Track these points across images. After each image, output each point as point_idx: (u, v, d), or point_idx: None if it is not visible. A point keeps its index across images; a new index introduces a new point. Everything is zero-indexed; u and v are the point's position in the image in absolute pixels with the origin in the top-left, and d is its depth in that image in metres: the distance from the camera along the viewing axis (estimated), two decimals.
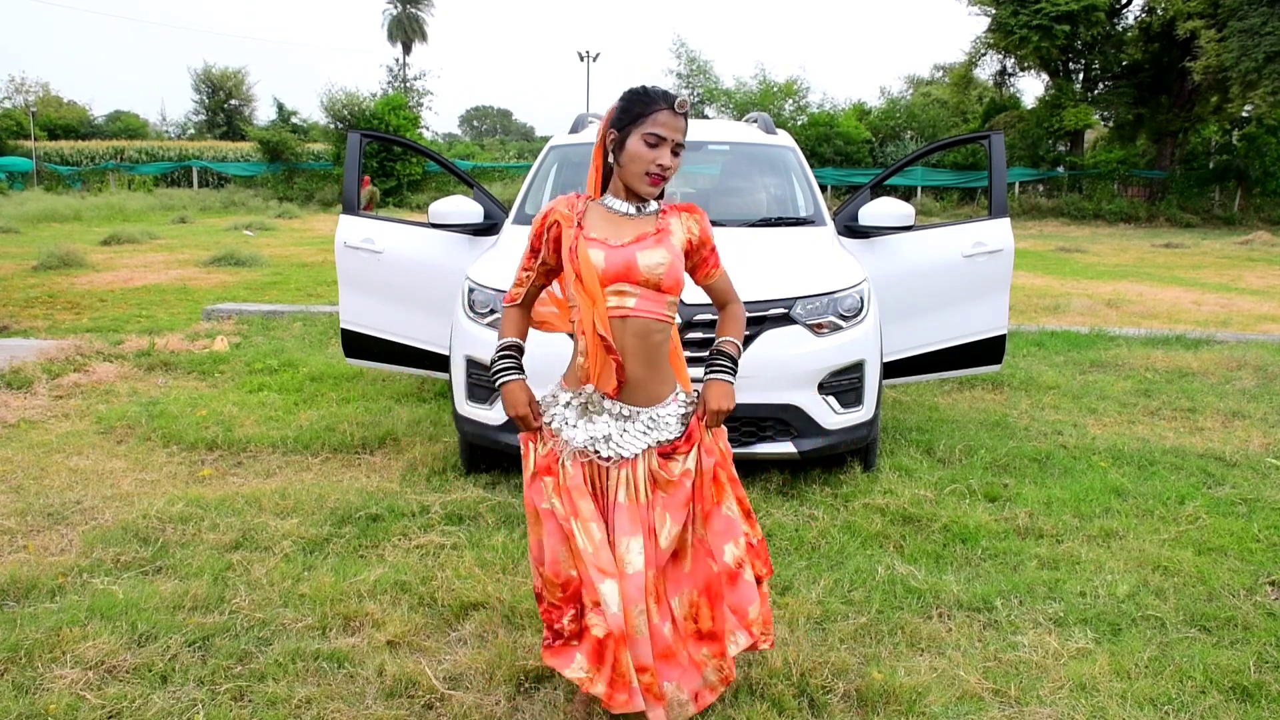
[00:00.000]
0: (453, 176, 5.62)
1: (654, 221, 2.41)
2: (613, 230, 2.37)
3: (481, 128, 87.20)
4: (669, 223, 2.41)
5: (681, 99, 2.33)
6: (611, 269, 2.31)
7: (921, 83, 43.81)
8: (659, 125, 2.30)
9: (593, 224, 2.38)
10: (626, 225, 2.38)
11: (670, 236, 2.38)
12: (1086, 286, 12.30)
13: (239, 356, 7.10)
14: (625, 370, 2.34)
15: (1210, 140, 30.91)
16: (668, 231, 2.38)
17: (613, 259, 2.31)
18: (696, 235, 2.43)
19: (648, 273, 2.32)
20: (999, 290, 4.94)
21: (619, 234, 2.36)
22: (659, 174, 2.32)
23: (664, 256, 2.33)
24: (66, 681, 2.71)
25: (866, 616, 3.17)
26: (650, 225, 2.39)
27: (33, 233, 18.35)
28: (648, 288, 2.33)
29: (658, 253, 2.33)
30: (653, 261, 2.32)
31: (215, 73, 53.60)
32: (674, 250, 2.36)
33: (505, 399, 2.44)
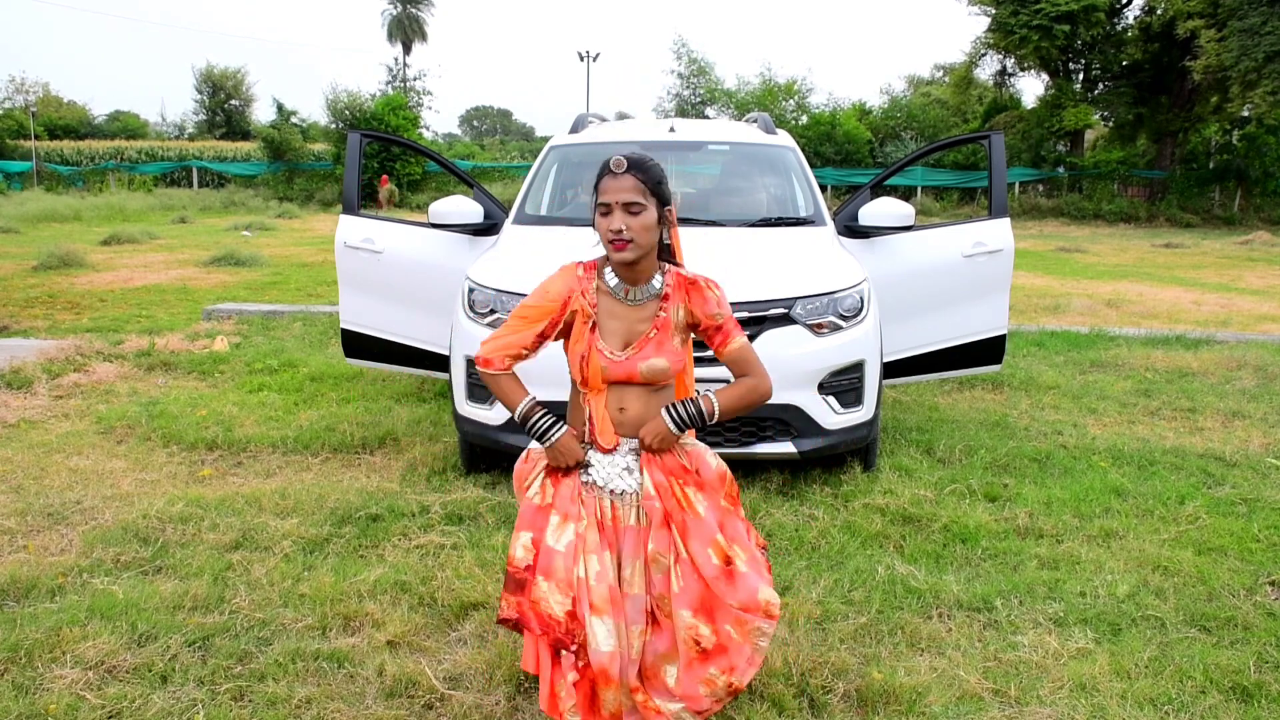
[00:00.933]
0: (453, 176, 5.62)
1: (654, 312, 2.37)
2: (617, 325, 2.36)
3: (481, 128, 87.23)
4: (669, 314, 2.37)
5: (617, 159, 2.29)
6: (614, 375, 2.35)
7: (922, 83, 43.81)
8: (603, 193, 2.30)
9: (602, 319, 2.37)
10: (631, 317, 2.37)
11: (669, 333, 2.36)
12: (1086, 286, 12.30)
13: (239, 356, 7.10)
14: (625, 409, 2.38)
15: (1210, 140, 30.90)
16: (667, 330, 2.36)
17: (615, 370, 2.35)
18: (697, 316, 2.38)
19: (648, 378, 2.35)
20: (999, 290, 4.94)
21: (624, 332, 2.36)
22: (615, 239, 2.28)
23: (663, 365, 2.34)
24: (66, 681, 2.72)
25: (866, 616, 3.17)
26: (649, 318, 2.36)
27: (33, 233, 18.35)
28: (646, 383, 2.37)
29: (658, 361, 2.34)
30: (655, 369, 2.34)
31: (216, 72, 53.61)
32: (675, 353, 2.37)
33: (561, 451, 2.38)
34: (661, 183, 2.34)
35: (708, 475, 2.41)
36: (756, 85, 33.05)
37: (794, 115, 32.04)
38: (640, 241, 2.29)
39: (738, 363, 2.43)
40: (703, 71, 33.81)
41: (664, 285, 2.39)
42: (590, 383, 2.36)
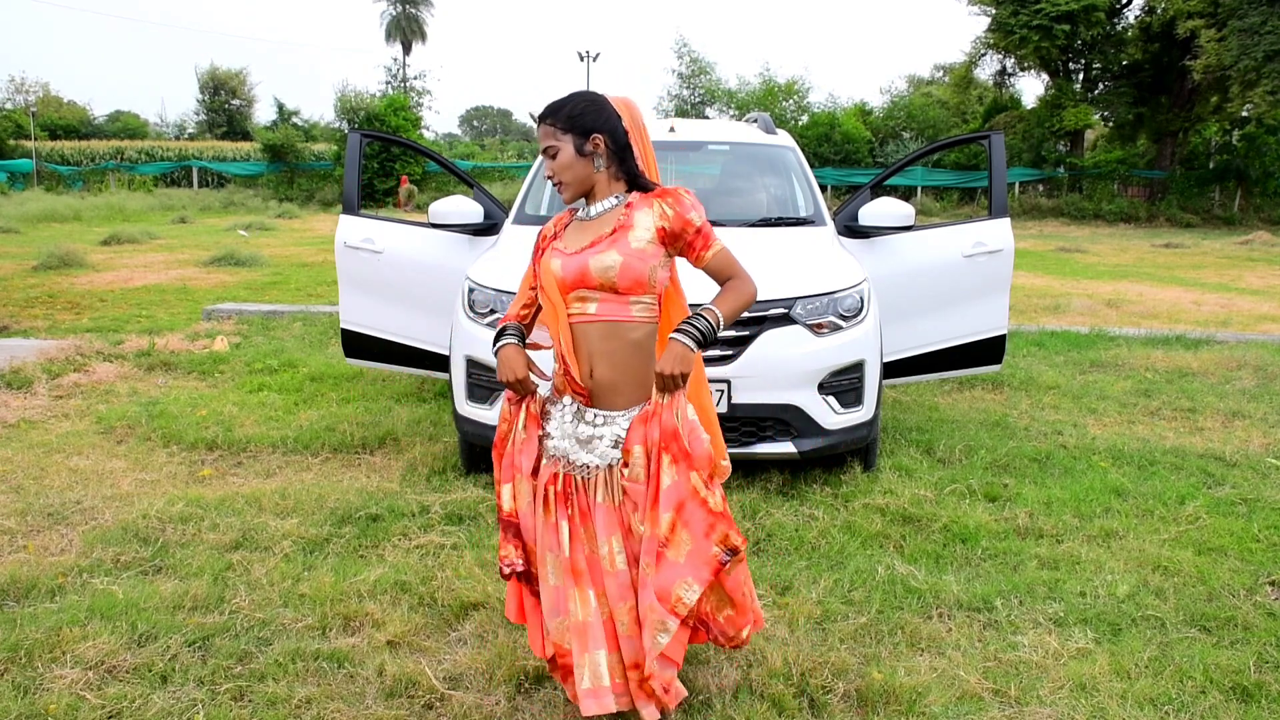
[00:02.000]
0: (453, 176, 5.62)
1: (615, 219, 2.38)
2: (577, 237, 2.40)
3: (481, 128, 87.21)
4: (632, 217, 2.36)
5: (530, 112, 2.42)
6: (568, 276, 2.34)
7: (922, 83, 43.80)
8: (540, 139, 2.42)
9: (567, 235, 2.43)
10: (589, 229, 2.40)
11: (629, 233, 2.33)
12: (1086, 286, 12.30)
13: (239, 356, 7.10)
14: (594, 374, 2.36)
15: (1210, 140, 30.89)
16: (627, 228, 2.34)
17: (568, 266, 2.34)
18: (671, 219, 2.34)
19: (600, 276, 2.30)
20: (999, 290, 4.94)
21: (580, 240, 2.38)
22: (550, 179, 2.40)
23: (614, 259, 2.30)
24: (66, 681, 2.72)
25: (866, 616, 3.17)
26: (610, 225, 2.37)
27: (33, 233, 18.34)
28: (604, 291, 2.32)
29: (609, 255, 2.30)
30: (603, 265, 2.30)
31: (219, 73, 53.61)
32: (628, 250, 2.31)
33: (501, 363, 2.43)
34: (575, 116, 2.35)
35: (697, 451, 2.32)
36: (757, 85, 33.05)
37: (794, 115, 32.02)
38: (567, 179, 2.38)
39: (721, 267, 2.40)
40: (703, 71, 33.81)
41: (625, 199, 2.42)
42: (546, 287, 2.37)
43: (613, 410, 2.37)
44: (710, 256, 2.38)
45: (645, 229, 2.34)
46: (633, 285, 2.31)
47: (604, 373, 2.36)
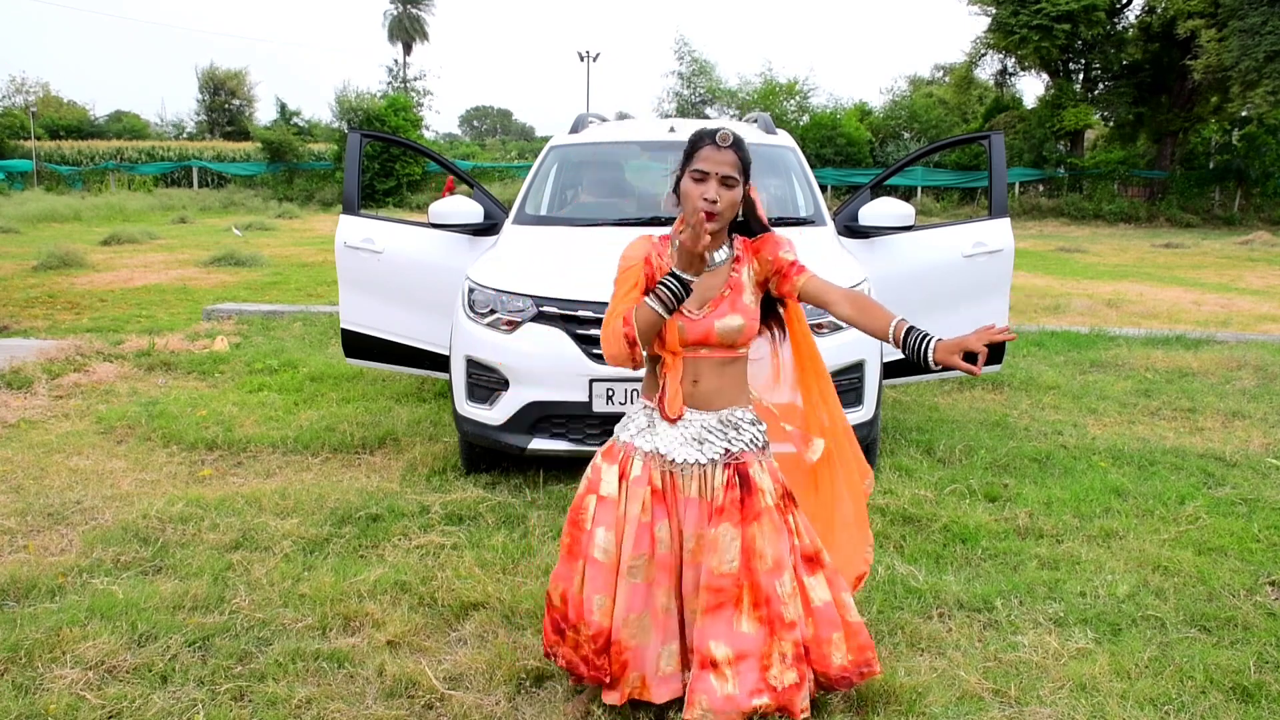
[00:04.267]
0: (453, 176, 5.63)
1: (726, 275, 2.46)
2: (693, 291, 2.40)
3: (482, 128, 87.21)
4: (741, 275, 2.47)
5: (723, 133, 2.35)
6: (691, 337, 2.43)
7: (922, 83, 43.79)
8: (702, 161, 2.37)
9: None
10: (703, 283, 2.43)
11: (743, 294, 2.45)
12: (1087, 286, 12.30)
13: (239, 356, 7.10)
14: (699, 383, 2.47)
15: (1210, 140, 30.87)
16: (740, 289, 2.46)
17: (692, 329, 2.42)
18: (769, 266, 2.48)
19: (723, 338, 2.43)
20: (999, 290, 4.94)
21: (697, 295, 2.42)
22: (708, 207, 2.34)
23: (739, 322, 2.43)
24: (66, 681, 2.72)
25: (867, 616, 3.16)
26: (722, 280, 2.46)
27: (33, 233, 18.34)
28: (723, 346, 2.45)
29: (733, 319, 2.43)
30: (730, 329, 2.43)
31: (220, 73, 53.61)
32: (748, 312, 2.45)
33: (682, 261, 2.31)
34: (749, 162, 2.43)
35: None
36: (758, 85, 33.03)
37: (795, 115, 32.00)
38: (726, 216, 2.41)
39: (819, 290, 2.49)
40: (704, 71, 33.78)
41: (734, 250, 2.49)
42: (668, 344, 2.42)
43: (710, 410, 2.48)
44: (805, 280, 2.49)
45: (750, 285, 2.48)
46: (746, 342, 2.49)
47: (709, 383, 2.48)
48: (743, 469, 2.47)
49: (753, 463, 2.49)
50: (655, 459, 2.47)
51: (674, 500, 2.47)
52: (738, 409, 2.51)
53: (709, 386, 2.47)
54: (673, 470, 2.47)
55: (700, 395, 2.47)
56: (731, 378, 2.50)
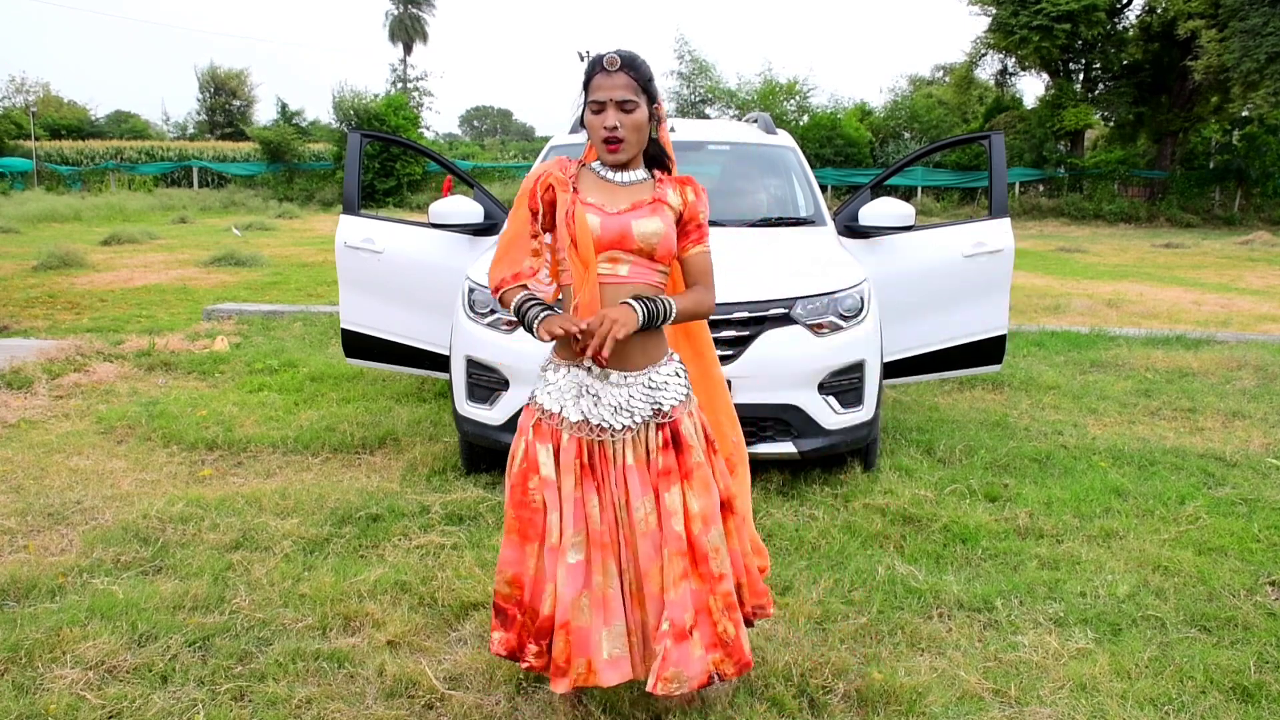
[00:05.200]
0: (453, 176, 5.63)
1: (650, 189, 2.40)
2: (607, 197, 2.36)
3: (482, 128, 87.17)
4: (665, 191, 2.40)
5: (610, 57, 2.29)
6: (607, 235, 2.30)
7: (923, 83, 43.78)
8: (596, 90, 2.31)
9: (587, 190, 2.37)
10: (620, 192, 2.37)
11: (665, 207, 2.37)
12: (1087, 286, 12.30)
13: (239, 356, 7.10)
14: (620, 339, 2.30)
15: (1210, 140, 30.87)
16: (664, 201, 2.38)
17: (608, 225, 2.30)
18: (688, 206, 2.41)
19: (642, 241, 2.31)
20: (999, 290, 4.94)
21: (614, 201, 2.35)
22: (610, 136, 2.30)
23: (659, 225, 2.33)
24: (67, 681, 2.71)
25: (867, 616, 3.17)
26: (646, 193, 2.39)
27: (33, 233, 18.34)
28: (641, 256, 2.33)
29: (653, 221, 2.33)
30: (648, 230, 2.31)
31: (220, 73, 53.59)
32: (669, 220, 2.36)
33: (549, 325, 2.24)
34: (651, 80, 2.35)
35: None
36: (758, 85, 33.03)
37: (795, 115, 32.00)
38: (632, 140, 2.33)
39: (700, 270, 2.43)
40: (703, 71, 33.76)
41: (651, 174, 2.43)
42: (579, 244, 2.28)
43: (632, 369, 2.36)
44: (696, 252, 2.43)
45: (672, 207, 2.39)
46: (665, 255, 2.36)
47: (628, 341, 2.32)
48: (675, 426, 2.38)
49: (682, 418, 2.39)
50: (584, 427, 2.34)
51: (605, 471, 2.36)
52: (661, 365, 2.39)
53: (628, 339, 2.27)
54: (601, 439, 2.35)
55: (621, 350, 2.29)
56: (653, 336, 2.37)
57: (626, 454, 2.35)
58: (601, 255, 2.30)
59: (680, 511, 2.36)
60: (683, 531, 2.36)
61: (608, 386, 2.36)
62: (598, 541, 2.35)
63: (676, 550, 2.35)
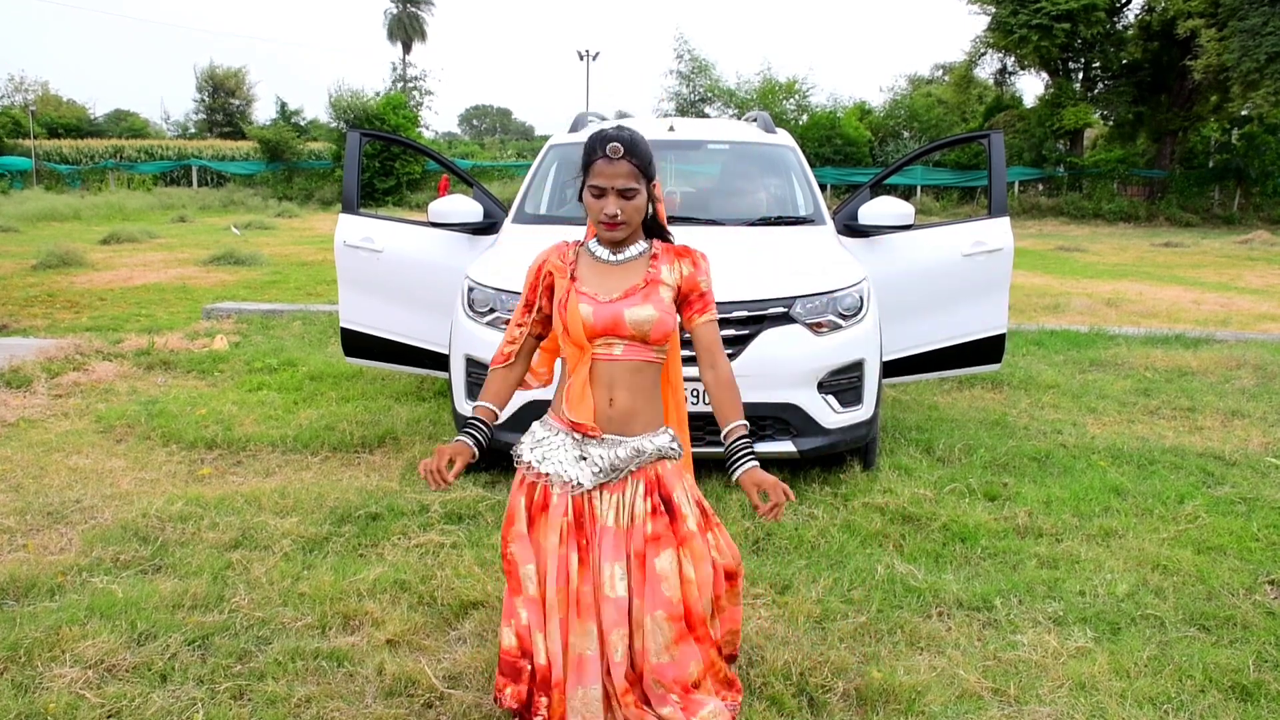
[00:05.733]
0: (452, 175, 5.63)
1: (644, 269, 2.38)
2: (602, 282, 2.36)
3: (481, 127, 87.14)
4: (660, 271, 2.38)
5: (613, 145, 2.28)
6: (600, 324, 2.32)
7: (922, 82, 43.78)
8: (597, 176, 2.31)
9: (584, 276, 2.38)
10: (614, 275, 2.37)
11: (659, 288, 2.36)
12: (1086, 286, 12.30)
13: (238, 355, 7.09)
14: (614, 403, 2.35)
15: (1210, 139, 30.89)
16: (657, 283, 2.36)
17: (600, 314, 2.32)
18: (685, 279, 2.40)
19: (634, 328, 2.32)
20: (998, 289, 4.94)
21: (608, 286, 2.36)
22: (609, 222, 2.31)
23: (651, 313, 2.32)
24: (66, 680, 2.71)
25: (866, 615, 3.17)
26: (639, 274, 2.37)
27: (32, 232, 18.34)
28: (634, 340, 2.34)
29: (645, 309, 2.32)
30: (640, 318, 2.32)
31: (219, 72, 53.55)
32: (662, 305, 2.34)
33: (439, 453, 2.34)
34: (650, 163, 2.35)
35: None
36: (757, 84, 33.03)
37: (794, 115, 31.99)
38: (633, 223, 2.35)
39: (709, 341, 2.42)
40: (703, 70, 33.76)
41: (650, 248, 2.42)
42: (571, 332, 2.32)
43: (627, 435, 2.37)
44: (702, 322, 2.42)
45: (668, 285, 2.38)
46: (660, 338, 2.36)
47: (624, 401, 2.36)
48: (665, 492, 2.38)
49: (675, 486, 2.40)
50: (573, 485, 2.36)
51: (592, 530, 2.36)
52: (656, 435, 2.40)
53: (624, 405, 2.34)
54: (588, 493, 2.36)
55: (617, 417, 2.35)
56: (646, 393, 2.38)
57: (607, 516, 2.36)
58: (596, 341, 2.34)
59: (674, 577, 2.35)
60: (679, 597, 2.35)
61: (599, 448, 2.37)
62: (579, 602, 2.35)
63: (670, 615, 2.34)
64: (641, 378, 2.37)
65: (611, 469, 2.35)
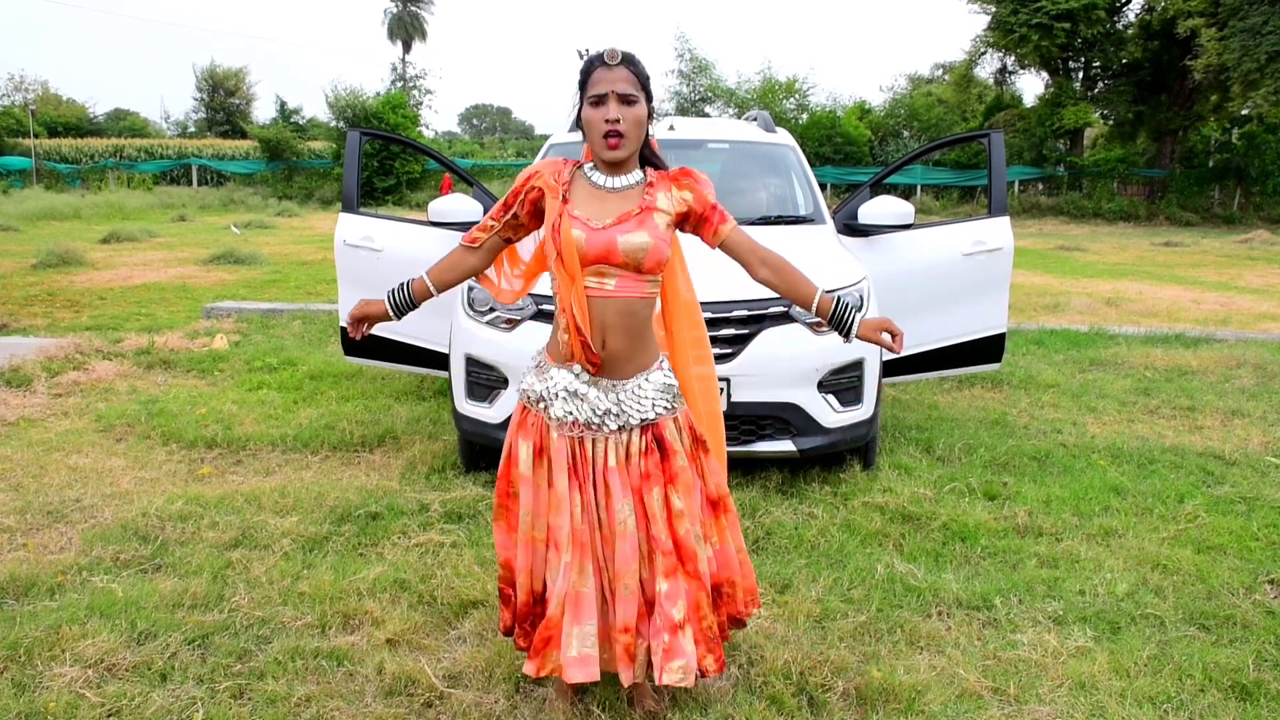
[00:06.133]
0: (452, 174, 5.63)
1: (639, 197, 2.37)
2: (596, 207, 2.35)
3: (481, 126, 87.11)
4: (656, 197, 2.37)
5: (610, 50, 2.30)
6: (592, 250, 2.30)
7: (922, 81, 43.76)
8: (597, 84, 2.31)
9: (577, 199, 2.37)
10: (610, 201, 2.36)
11: (654, 215, 2.34)
12: (1086, 285, 12.30)
13: (238, 355, 7.09)
14: (606, 345, 2.36)
15: (1210, 139, 30.88)
16: (652, 209, 2.35)
17: (593, 241, 2.29)
18: (691, 201, 2.39)
19: (628, 256, 2.30)
20: (998, 289, 4.94)
21: (602, 212, 2.34)
22: (611, 130, 2.30)
23: (645, 240, 2.30)
24: (66, 680, 2.71)
25: (866, 615, 3.17)
26: (634, 201, 2.36)
27: (32, 231, 18.33)
28: (627, 269, 2.32)
29: (639, 235, 2.30)
30: (633, 245, 2.30)
31: (219, 72, 53.53)
32: (657, 231, 2.32)
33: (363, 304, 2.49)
34: (648, 79, 2.36)
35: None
36: (757, 83, 33.03)
37: (794, 114, 31.99)
38: (631, 137, 2.32)
39: (744, 246, 2.43)
40: (703, 69, 33.76)
41: (647, 175, 2.41)
42: (565, 257, 2.30)
43: (621, 378, 2.39)
44: (729, 231, 2.42)
45: (665, 211, 2.36)
46: (655, 267, 2.34)
47: (617, 344, 2.37)
48: (658, 431, 2.41)
49: (667, 423, 2.43)
50: (572, 425, 2.39)
51: (585, 472, 2.40)
52: (651, 373, 2.42)
53: (618, 346, 2.35)
54: (582, 437, 2.39)
55: (611, 359, 2.36)
56: (640, 333, 2.38)
57: (609, 456, 2.39)
58: (587, 269, 2.32)
59: (662, 515, 2.40)
60: (667, 534, 2.40)
61: (595, 391, 2.39)
62: (577, 541, 2.38)
63: (661, 550, 2.40)
64: (634, 320, 2.37)
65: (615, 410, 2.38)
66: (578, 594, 2.37)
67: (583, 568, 2.38)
